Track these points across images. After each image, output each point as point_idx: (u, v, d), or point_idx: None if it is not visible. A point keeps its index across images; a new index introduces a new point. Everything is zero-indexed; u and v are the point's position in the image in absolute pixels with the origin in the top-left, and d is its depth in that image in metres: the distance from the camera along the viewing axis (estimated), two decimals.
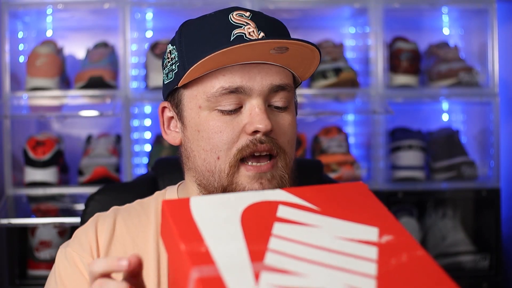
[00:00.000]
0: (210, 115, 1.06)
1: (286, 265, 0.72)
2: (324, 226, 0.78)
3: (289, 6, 2.46)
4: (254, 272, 0.70)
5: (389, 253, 0.75)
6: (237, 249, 0.73)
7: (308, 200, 0.82)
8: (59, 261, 1.11)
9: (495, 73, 2.48)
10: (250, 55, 1.03)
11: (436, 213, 2.54)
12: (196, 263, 0.71)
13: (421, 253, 0.75)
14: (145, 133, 2.56)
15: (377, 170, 2.44)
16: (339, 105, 2.56)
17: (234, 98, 1.04)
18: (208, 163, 1.06)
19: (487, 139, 2.54)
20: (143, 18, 2.54)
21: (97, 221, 1.15)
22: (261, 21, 1.06)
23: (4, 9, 2.35)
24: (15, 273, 2.31)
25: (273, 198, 0.82)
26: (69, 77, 2.52)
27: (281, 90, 1.06)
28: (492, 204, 2.46)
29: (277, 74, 1.06)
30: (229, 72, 1.04)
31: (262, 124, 1.02)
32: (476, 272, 2.44)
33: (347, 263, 0.73)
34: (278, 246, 0.74)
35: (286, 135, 1.07)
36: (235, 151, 1.04)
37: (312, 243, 0.75)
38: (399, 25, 2.63)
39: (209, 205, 0.80)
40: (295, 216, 0.79)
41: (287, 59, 1.05)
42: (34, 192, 2.34)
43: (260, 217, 0.78)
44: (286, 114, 1.08)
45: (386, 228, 0.78)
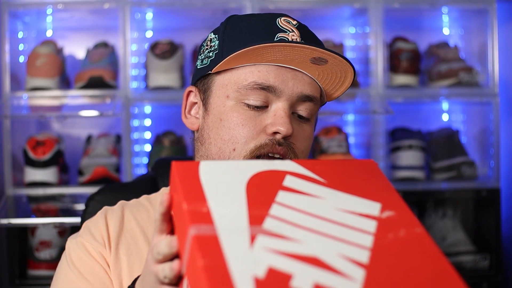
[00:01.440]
0: (236, 106, 1.07)
1: (283, 230, 0.73)
2: (328, 198, 0.79)
3: (289, 6, 2.46)
4: (251, 234, 0.72)
5: (387, 227, 0.76)
6: (238, 212, 0.75)
7: (316, 172, 0.83)
8: (70, 251, 1.11)
9: (495, 73, 2.48)
10: (289, 58, 1.05)
11: (436, 213, 2.54)
12: (195, 221, 0.72)
13: (419, 230, 0.76)
14: (145, 133, 2.56)
15: None
16: (339, 105, 2.56)
17: (263, 95, 1.06)
18: (222, 153, 1.08)
19: (487, 139, 2.54)
20: (143, 18, 2.54)
21: (106, 213, 1.15)
22: (305, 33, 1.09)
23: (4, 9, 2.35)
24: (15, 273, 2.31)
25: (282, 168, 0.83)
26: (69, 77, 2.52)
27: (308, 101, 1.08)
28: (492, 204, 2.46)
29: (309, 85, 1.08)
30: (264, 70, 1.06)
31: (284, 127, 1.04)
32: (476, 272, 2.44)
33: (344, 234, 0.74)
34: (279, 213, 0.76)
35: (303, 144, 1.09)
36: (252, 147, 1.06)
37: (312, 213, 0.77)
38: (399, 25, 2.63)
39: (218, 169, 0.81)
40: (301, 187, 0.80)
41: (322, 73, 1.07)
42: (34, 192, 2.34)
43: (266, 185, 0.80)
44: (307, 125, 1.10)
45: (389, 204, 0.80)
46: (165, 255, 0.79)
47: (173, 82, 2.38)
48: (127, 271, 1.09)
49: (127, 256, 1.10)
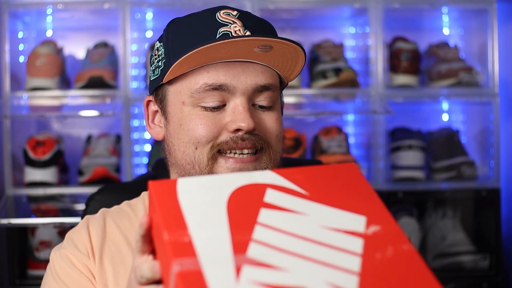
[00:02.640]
0: (193, 110, 1.07)
1: (269, 258, 0.72)
2: (311, 213, 0.78)
3: (289, 6, 2.46)
4: (236, 265, 0.70)
5: (374, 246, 0.75)
6: (221, 238, 0.73)
7: (297, 183, 0.82)
8: (55, 264, 1.11)
9: (495, 73, 2.48)
10: (234, 53, 1.03)
11: (436, 213, 2.54)
12: (178, 255, 0.71)
13: (407, 247, 0.75)
14: (145, 133, 2.56)
15: (377, 170, 2.44)
16: (339, 105, 2.56)
17: (218, 95, 1.05)
18: (187, 155, 1.07)
19: (487, 139, 2.54)
20: (143, 18, 2.54)
21: (88, 223, 1.15)
22: (248, 21, 1.07)
23: (4, 9, 2.35)
24: (15, 273, 2.31)
25: (262, 181, 0.81)
26: (69, 77, 2.52)
27: (265, 90, 1.07)
28: (492, 204, 2.46)
29: (262, 74, 1.06)
30: (213, 69, 1.05)
31: (244, 122, 1.03)
32: (476, 272, 2.44)
33: (331, 257, 0.73)
34: (263, 236, 0.74)
35: (272, 132, 1.08)
36: (215, 145, 1.05)
37: (297, 233, 0.75)
38: (399, 25, 2.63)
39: (196, 187, 0.79)
40: (283, 202, 0.79)
41: (272, 59, 1.05)
42: (34, 192, 2.34)
43: (247, 202, 0.78)
44: (271, 112, 1.09)
45: (374, 216, 0.78)
46: (148, 279, 0.79)
47: None
48: (113, 280, 1.09)
49: (111, 265, 1.10)
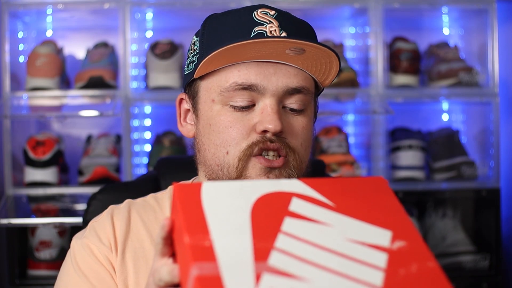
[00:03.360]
0: (222, 109, 1.05)
1: (290, 267, 0.70)
2: (336, 225, 0.76)
3: (289, 6, 2.45)
4: (256, 273, 0.69)
5: (398, 261, 0.73)
6: (243, 245, 0.72)
7: (324, 194, 0.80)
8: (75, 252, 1.10)
9: (495, 73, 2.48)
10: (265, 53, 1.02)
11: (436, 213, 2.54)
12: (198, 259, 0.70)
13: (432, 265, 0.73)
14: (145, 133, 2.56)
15: (377, 170, 2.44)
16: (339, 105, 2.56)
17: (247, 95, 1.04)
18: (217, 157, 1.06)
19: (487, 139, 2.54)
20: (143, 18, 2.54)
21: (113, 214, 1.13)
22: (285, 21, 1.05)
23: (4, 9, 2.35)
24: (15, 273, 2.31)
25: (288, 189, 0.80)
26: (69, 77, 2.52)
27: (297, 93, 1.05)
28: (492, 204, 2.46)
29: (295, 77, 1.05)
30: (244, 68, 1.04)
31: (272, 124, 1.02)
32: (476, 272, 2.44)
33: (353, 270, 0.71)
34: (285, 245, 0.73)
35: (299, 138, 1.06)
36: (244, 146, 1.04)
37: (320, 244, 0.74)
38: (399, 25, 2.63)
39: (221, 192, 0.78)
40: (308, 211, 0.77)
41: (305, 62, 1.04)
42: (34, 192, 2.34)
43: (272, 210, 0.77)
44: (301, 117, 1.07)
45: (400, 232, 0.77)
46: (166, 283, 0.78)
47: (173, 82, 2.39)
48: (133, 276, 1.08)
49: (133, 260, 1.09)
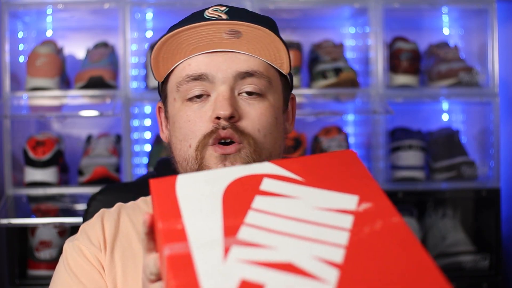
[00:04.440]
0: (182, 105, 1.08)
1: (258, 238, 0.72)
2: (305, 197, 0.78)
3: (289, 6, 2.46)
4: (225, 247, 0.71)
5: (364, 221, 0.75)
6: (213, 224, 0.74)
7: (294, 171, 0.82)
8: (67, 254, 1.12)
9: (495, 73, 2.48)
10: (206, 41, 1.04)
11: (436, 213, 2.54)
12: (169, 240, 0.72)
13: (396, 220, 0.74)
14: (145, 133, 2.56)
15: (377, 170, 2.44)
16: (339, 105, 2.56)
17: (200, 85, 1.06)
18: (183, 152, 1.08)
19: (487, 139, 2.54)
20: (143, 18, 2.54)
21: (103, 216, 1.15)
22: (235, 15, 1.06)
23: (4, 9, 2.35)
24: (15, 273, 2.31)
25: (259, 172, 0.82)
26: (69, 77, 2.52)
27: (248, 76, 1.06)
28: (492, 204, 2.46)
29: (245, 62, 1.06)
30: (195, 61, 1.06)
31: (222, 109, 1.03)
32: (476, 272, 2.44)
33: (319, 234, 0.73)
34: (254, 220, 0.75)
35: (255, 123, 1.06)
36: (201, 137, 1.05)
37: (288, 215, 0.76)
38: (399, 25, 2.63)
39: (195, 182, 0.81)
40: (278, 188, 0.79)
41: (251, 46, 1.05)
42: (34, 192, 2.34)
43: (243, 191, 0.79)
44: (259, 102, 1.07)
45: (366, 196, 0.78)
46: (156, 275, 0.80)
47: None
48: (121, 274, 1.10)
49: (121, 260, 1.11)
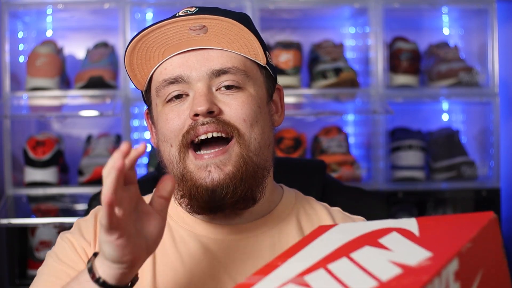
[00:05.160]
0: (163, 109, 1.08)
1: (317, 282, 0.74)
2: (397, 250, 0.78)
3: (289, 6, 2.45)
4: (282, 283, 0.73)
5: (402, 276, 0.74)
6: (303, 264, 0.77)
7: (421, 227, 0.82)
8: (57, 244, 1.12)
9: (495, 73, 2.48)
10: (176, 41, 1.04)
11: (436, 213, 2.54)
12: (256, 273, 0.78)
13: (423, 279, 0.71)
14: (145, 133, 2.56)
15: (377, 170, 2.44)
16: (339, 105, 2.56)
17: (177, 87, 1.05)
18: (167, 154, 1.08)
19: (487, 139, 2.54)
20: (143, 18, 2.54)
21: (97, 213, 1.15)
22: (206, 11, 1.06)
23: (4, 9, 2.35)
24: (15, 273, 2.31)
25: (398, 226, 0.83)
26: (69, 77, 2.52)
27: (223, 73, 1.05)
28: (492, 204, 2.46)
29: (218, 59, 1.05)
30: (169, 65, 1.06)
31: (199, 106, 1.02)
32: None
33: (355, 281, 0.73)
34: (336, 266, 0.76)
35: (239, 114, 1.05)
36: (180, 137, 1.05)
37: (364, 266, 0.76)
38: (399, 25, 2.63)
39: (342, 230, 0.85)
40: (391, 242, 0.79)
41: (222, 40, 1.04)
42: (34, 192, 2.34)
43: (363, 240, 0.80)
44: (239, 93, 1.06)
45: (439, 254, 0.76)
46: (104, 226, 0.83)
47: None
48: None
49: None
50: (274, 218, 1.13)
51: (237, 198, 1.04)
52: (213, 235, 1.09)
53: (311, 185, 1.35)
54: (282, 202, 1.16)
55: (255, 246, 1.09)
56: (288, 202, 1.16)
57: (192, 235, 1.10)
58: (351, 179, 2.37)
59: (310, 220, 1.15)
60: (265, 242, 1.10)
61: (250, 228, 1.10)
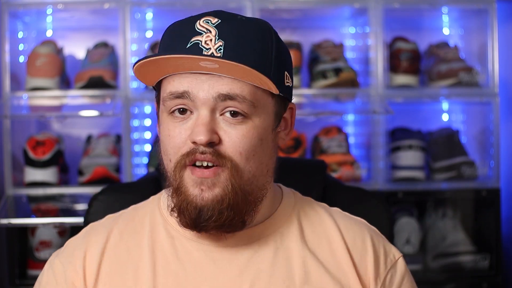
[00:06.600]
0: (166, 118, 1.07)
1: None
2: None
3: (289, 6, 2.45)
4: None
5: None
6: None
7: None
8: (46, 270, 1.14)
9: (495, 73, 2.48)
10: (189, 65, 1.03)
11: (436, 213, 2.54)
12: None
13: None
14: (145, 133, 2.56)
15: (377, 170, 2.44)
16: (339, 105, 2.56)
17: (181, 103, 1.04)
18: (166, 165, 1.09)
19: (487, 139, 2.54)
20: (143, 18, 2.54)
21: (90, 234, 1.15)
22: (226, 28, 1.04)
23: (4, 9, 2.35)
24: (15, 273, 2.31)
25: None
26: (69, 77, 2.52)
27: (230, 99, 1.03)
28: (492, 204, 2.46)
29: (227, 84, 1.03)
30: (178, 78, 1.05)
31: (199, 136, 1.02)
32: (476, 272, 2.44)
33: None
34: None
35: (236, 145, 1.04)
36: (179, 157, 1.05)
37: None
38: (399, 25, 2.63)
39: None
40: None
41: (232, 71, 1.03)
42: (34, 192, 2.34)
43: None
44: (242, 123, 1.05)
45: None
46: None
47: None
48: None
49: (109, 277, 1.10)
50: (276, 221, 1.13)
51: (221, 223, 1.03)
52: (215, 242, 1.09)
53: (311, 185, 1.35)
54: (283, 204, 1.15)
55: (258, 251, 1.09)
56: (288, 204, 1.16)
57: (194, 245, 1.10)
58: (351, 179, 2.37)
59: (310, 220, 1.15)
60: (268, 247, 1.10)
61: (252, 234, 1.10)
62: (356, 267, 1.11)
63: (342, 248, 1.12)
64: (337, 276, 1.09)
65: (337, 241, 1.13)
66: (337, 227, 1.14)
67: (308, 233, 1.13)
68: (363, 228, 1.16)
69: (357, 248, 1.13)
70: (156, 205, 1.17)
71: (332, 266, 1.10)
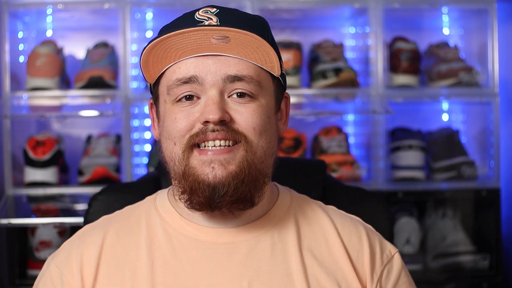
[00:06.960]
0: (172, 107, 1.08)
1: None
2: None
3: (289, 6, 2.45)
4: None
5: None
6: None
7: None
8: (43, 273, 1.14)
9: (495, 73, 2.48)
10: (194, 46, 1.04)
11: (436, 213, 2.54)
12: None
13: None
14: (145, 133, 2.56)
15: (377, 170, 2.44)
16: (339, 105, 2.56)
17: (190, 88, 1.06)
18: (169, 151, 1.09)
19: (487, 139, 2.54)
20: (143, 18, 2.54)
21: (86, 235, 1.15)
22: (226, 17, 1.06)
23: (4, 9, 2.35)
24: (15, 273, 2.31)
25: None
26: (69, 77, 2.52)
27: (238, 80, 1.06)
28: (492, 204, 2.46)
29: (234, 65, 1.06)
30: (184, 65, 1.06)
31: (211, 114, 1.03)
32: (476, 272, 2.44)
33: None
34: None
35: (249, 123, 1.06)
36: (188, 137, 1.06)
37: None
38: (399, 25, 2.63)
39: None
40: None
41: (241, 50, 1.05)
42: (34, 192, 2.34)
43: None
44: (252, 102, 1.07)
45: None
46: None
47: None
48: None
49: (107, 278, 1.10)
50: (272, 218, 1.13)
51: (236, 198, 1.04)
52: (213, 239, 1.10)
53: (311, 185, 1.35)
54: (279, 201, 1.16)
55: (256, 248, 1.10)
56: (284, 201, 1.17)
57: (192, 242, 1.10)
58: (351, 179, 2.37)
59: (306, 217, 1.16)
60: (265, 243, 1.10)
61: (249, 230, 1.11)
62: (353, 263, 1.11)
63: (339, 245, 1.12)
64: (334, 272, 1.10)
65: (333, 237, 1.13)
66: (333, 224, 1.15)
67: (305, 230, 1.14)
68: (358, 225, 1.17)
69: (353, 244, 1.13)
70: (152, 205, 1.17)
71: (329, 262, 1.11)
